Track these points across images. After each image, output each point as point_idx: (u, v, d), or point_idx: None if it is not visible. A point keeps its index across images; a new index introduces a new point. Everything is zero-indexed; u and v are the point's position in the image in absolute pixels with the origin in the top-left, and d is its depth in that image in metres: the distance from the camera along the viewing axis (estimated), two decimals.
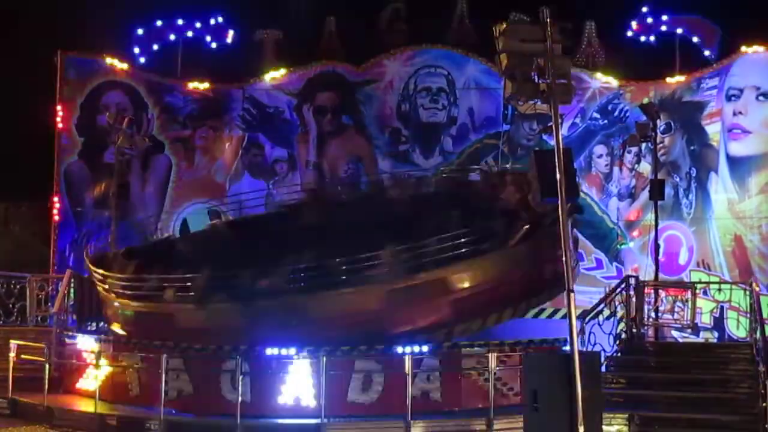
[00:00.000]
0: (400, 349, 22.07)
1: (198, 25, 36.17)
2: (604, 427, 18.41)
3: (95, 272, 26.34)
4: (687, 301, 26.02)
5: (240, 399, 21.56)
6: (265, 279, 22.88)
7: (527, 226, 23.40)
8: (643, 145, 31.05)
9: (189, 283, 23.61)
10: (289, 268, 23.00)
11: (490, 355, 21.96)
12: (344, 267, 22.67)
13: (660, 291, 26.23)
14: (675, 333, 28.87)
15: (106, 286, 25.82)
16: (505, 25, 18.03)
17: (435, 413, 22.14)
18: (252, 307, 22.80)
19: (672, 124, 33.47)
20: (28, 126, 37.21)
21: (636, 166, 34.04)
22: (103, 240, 31.01)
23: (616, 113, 34.50)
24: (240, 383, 21.67)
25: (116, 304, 25.53)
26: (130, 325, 25.17)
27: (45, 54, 35.23)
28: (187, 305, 23.57)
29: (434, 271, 22.88)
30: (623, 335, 24.53)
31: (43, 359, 24.20)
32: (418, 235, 23.23)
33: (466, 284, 23.21)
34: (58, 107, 34.69)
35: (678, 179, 33.42)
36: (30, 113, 37.26)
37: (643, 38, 35.05)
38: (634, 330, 24.69)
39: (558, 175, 17.61)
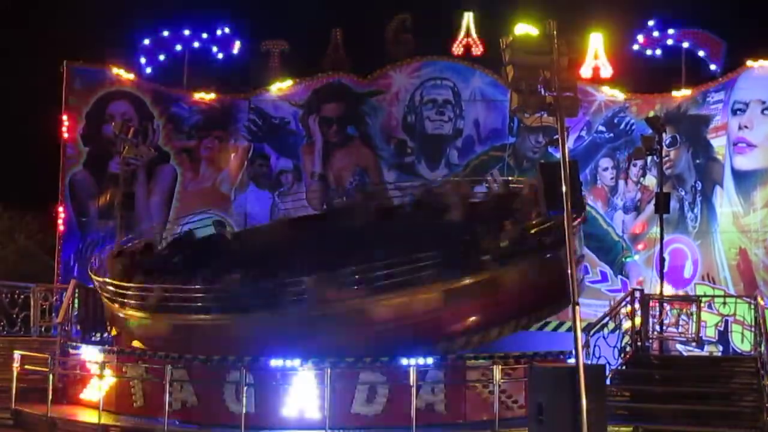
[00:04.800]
0: (404, 361, 22.03)
1: (204, 35, 36.24)
2: None
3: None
4: (692, 314, 25.94)
5: (244, 410, 21.54)
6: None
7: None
8: (649, 158, 31.02)
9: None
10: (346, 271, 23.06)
11: (494, 367, 21.93)
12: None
13: (665, 304, 26.16)
14: (679, 346, 28.84)
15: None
16: (511, 38, 18.02)
17: (439, 425, 22.10)
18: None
19: (677, 137, 33.47)
20: (33, 135, 37.29)
21: (641, 179, 34.06)
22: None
23: (622, 126, 34.52)
24: (244, 394, 21.65)
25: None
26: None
27: (51, 64, 35.28)
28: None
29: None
30: (628, 348, 24.45)
31: (47, 370, 24.12)
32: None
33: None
34: (64, 117, 34.77)
35: (683, 193, 33.42)
36: (36, 123, 37.35)
37: (649, 52, 35.08)
38: (639, 343, 24.60)
39: (564, 188, 17.60)
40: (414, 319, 23.07)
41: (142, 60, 35.97)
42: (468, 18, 36.00)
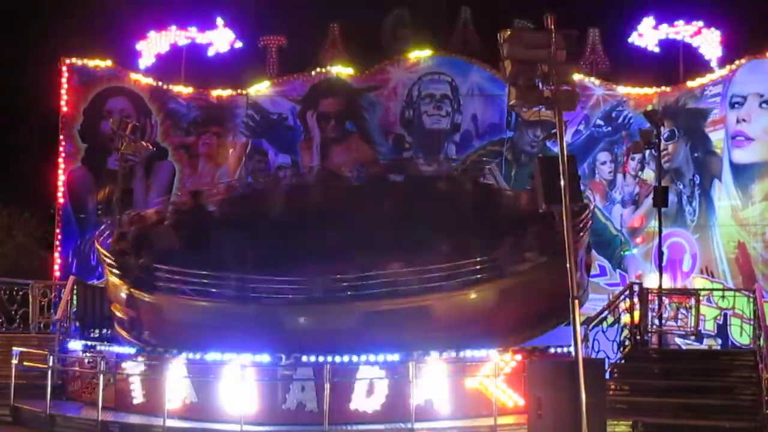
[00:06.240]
0: (404, 356, 22.01)
1: (202, 31, 36.18)
2: None
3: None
4: (691, 308, 25.94)
5: (244, 407, 21.52)
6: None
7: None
8: (647, 152, 30.96)
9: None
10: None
11: (494, 362, 21.91)
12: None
13: (664, 298, 26.17)
14: (678, 340, 28.84)
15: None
16: (509, 32, 18.00)
17: (439, 420, 22.08)
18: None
19: (676, 131, 33.49)
20: (31, 132, 37.26)
21: (640, 173, 34.04)
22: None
23: (620, 120, 34.51)
24: (244, 391, 21.64)
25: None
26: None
27: (49, 60, 35.27)
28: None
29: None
30: (627, 342, 24.48)
31: (46, 366, 24.10)
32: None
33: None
34: (62, 113, 34.71)
35: (681, 186, 33.43)
36: (33, 119, 37.34)
37: (647, 46, 35.03)
38: (638, 337, 24.62)
39: (562, 182, 17.59)
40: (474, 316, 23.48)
41: (140, 56, 35.97)
42: (466, 12, 35.99)
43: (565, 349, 22.73)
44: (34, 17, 40.05)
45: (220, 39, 36.28)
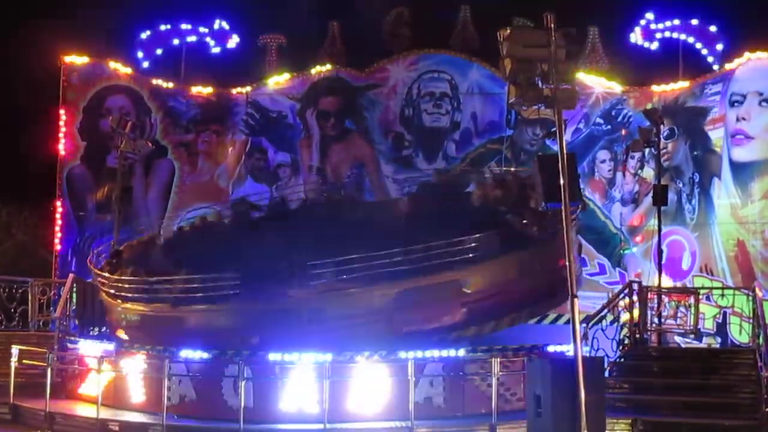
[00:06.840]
0: (403, 355, 22.00)
1: (201, 29, 36.20)
2: None
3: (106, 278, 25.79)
4: (690, 306, 25.96)
5: (242, 404, 21.50)
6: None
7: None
8: (647, 150, 30.98)
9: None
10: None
11: (493, 360, 21.88)
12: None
13: (663, 296, 26.18)
14: (678, 338, 28.88)
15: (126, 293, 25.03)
16: (509, 31, 18.00)
17: (438, 418, 22.08)
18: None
19: (675, 129, 33.45)
20: (31, 130, 37.21)
21: (639, 171, 34.02)
22: (106, 243, 30.68)
23: (620, 119, 34.50)
24: (242, 389, 21.62)
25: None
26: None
27: (48, 58, 35.23)
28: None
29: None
30: (626, 340, 24.51)
31: (45, 364, 24.07)
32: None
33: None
34: (61, 111, 34.73)
35: (681, 184, 33.40)
36: (33, 117, 37.29)
37: (646, 44, 35.07)
38: (637, 335, 24.65)
39: (561, 180, 17.59)
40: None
41: (140, 54, 35.96)
42: (466, 11, 35.97)
43: (565, 348, 22.73)
44: (33, 15, 39.99)
45: (220, 37, 36.29)
